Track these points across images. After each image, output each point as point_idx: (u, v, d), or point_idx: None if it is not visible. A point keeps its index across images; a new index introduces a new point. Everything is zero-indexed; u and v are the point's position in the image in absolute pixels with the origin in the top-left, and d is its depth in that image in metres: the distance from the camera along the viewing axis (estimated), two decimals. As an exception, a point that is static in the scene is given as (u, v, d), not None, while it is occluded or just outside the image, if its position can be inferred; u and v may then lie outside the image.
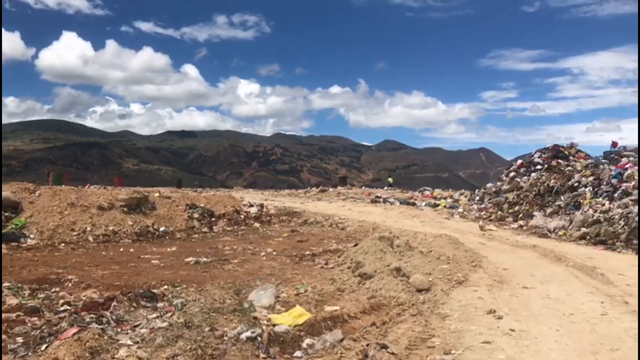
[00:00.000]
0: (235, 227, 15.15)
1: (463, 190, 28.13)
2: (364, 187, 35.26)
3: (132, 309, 5.98)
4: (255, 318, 5.76)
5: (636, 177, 14.77)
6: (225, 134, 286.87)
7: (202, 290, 7.05)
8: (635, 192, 13.89)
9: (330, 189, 30.84)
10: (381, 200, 24.08)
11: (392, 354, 4.78)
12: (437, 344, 5.15)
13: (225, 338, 4.95)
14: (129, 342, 4.81)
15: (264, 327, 5.23)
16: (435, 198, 25.14)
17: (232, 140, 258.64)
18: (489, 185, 22.95)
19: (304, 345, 5.10)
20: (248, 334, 4.97)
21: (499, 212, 18.05)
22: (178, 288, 7.21)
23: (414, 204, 22.84)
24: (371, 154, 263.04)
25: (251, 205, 17.79)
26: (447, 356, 4.79)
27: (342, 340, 5.18)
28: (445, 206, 21.72)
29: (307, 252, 10.71)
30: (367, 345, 4.91)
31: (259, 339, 4.93)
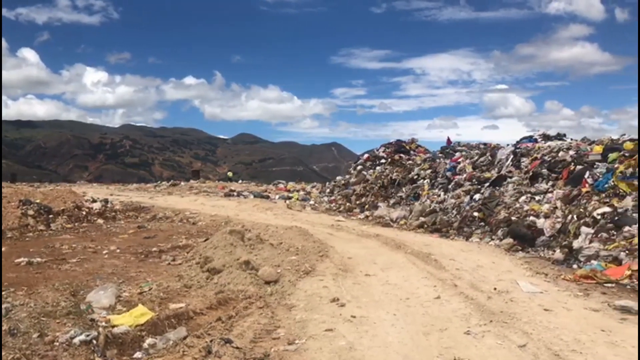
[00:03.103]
0: (76, 224, 14.13)
1: (315, 183, 28.91)
2: (218, 181, 34.75)
3: (-56, 319, 5.32)
4: (92, 320, 5.42)
5: (467, 170, 16.18)
6: (68, 124, 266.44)
7: (33, 293, 6.46)
8: (467, 183, 15.21)
9: (182, 183, 30.01)
10: (235, 193, 23.94)
11: (237, 348, 4.76)
12: (282, 334, 5.21)
13: (56, 343, 4.59)
14: (-61, 356, 4.28)
15: (100, 329, 4.93)
16: (288, 191, 25.53)
17: (76, 131, 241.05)
18: (338, 178, 23.79)
19: (145, 345, 4.90)
20: (82, 337, 4.65)
21: (348, 204, 18.80)
22: (5, 292, 6.54)
23: (267, 197, 23.00)
24: (227, 147, 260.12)
25: (94, 201, 16.76)
26: (290, 346, 4.87)
27: (185, 337, 5.04)
28: (297, 199, 22.14)
29: (154, 249, 10.30)
30: (211, 341, 4.83)
31: (95, 341, 4.64)
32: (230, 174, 40.77)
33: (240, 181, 33.29)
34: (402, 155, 21.14)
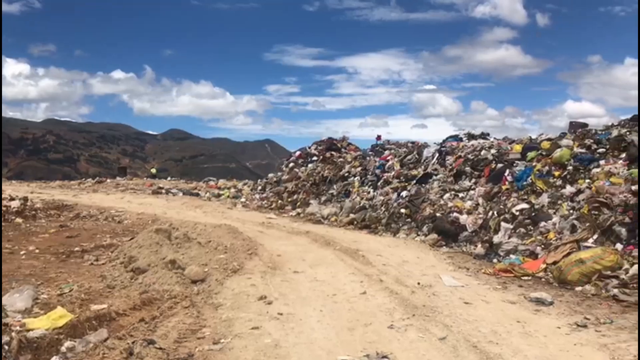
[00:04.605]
0: (-9, 223, 13.39)
1: (247, 180, 28.66)
2: (146, 178, 33.81)
3: None
4: (5, 324, 5.16)
5: (395, 168, 16.55)
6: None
7: (-60, 298, 6.09)
8: (395, 181, 15.56)
9: (109, 180, 29.05)
10: (163, 191, 23.42)
11: (160, 348, 4.67)
12: (207, 334, 5.16)
13: (-36, 351, 4.35)
14: None
15: (13, 334, 4.71)
16: (219, 188, 25.23)
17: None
18: (270, 175, 23.75)
19: (62, 349, 4.71)
20: (-7, 343, 4.43)
21: (279, 201, 18.80)
22: None
23: (197, 195, 22.66)
24: (156, 143, 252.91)
25: (12, 199, 15.93)
26: (215, 346, 4.83)
27: (106, 339, 4.90)
28: (228, 196, 21.93)
29: (77, 249, 9.93)
30: (133, 342, 4.72)
31: (7, 347, 4.43)
32: (153, 170, 39.42)
33: (169, 178, 32.55)
34: (333, 152, 21.35)
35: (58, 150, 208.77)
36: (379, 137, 21.74)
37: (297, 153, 22.93)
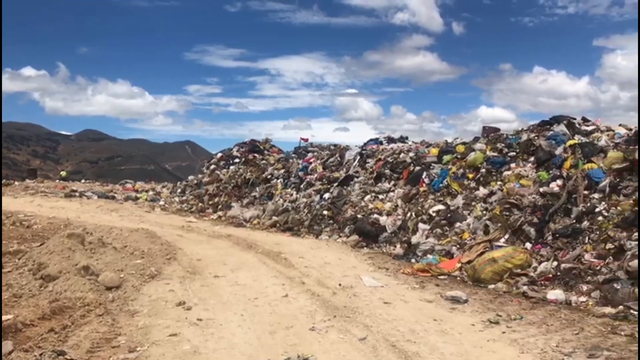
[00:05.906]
0: None
1: (166, 183, 27.95)
2: (58, 180, 32.17)
3: None
4: None
5: (318, 170, 16.66)
6: None
7: None
8: (317, 183, 15.65)
9: (17, 183, 27.40)
10: (77, 194, 22.37)
11: (71, 359, 4.45)
12: (122, 342, 4.97)
13: None
14: None
15: None
16: (137, 191, 24.42)
17: None
18: (190, 177, 23.26)
19: (-39, 364, 4.39)
20: None
21: (200, 204, 18.44)
22: None
23: (113, 198, 21.81)
24: (70, 144, 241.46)
25: None
26: (131, 354, 4.66)
27: (11, 352, 4.60)
28: (146, 199, 21.27)
29: (-21, 256, 9.28)
30: (41, 354, 4.47)
31: None
32: (63, 173, 37.58)
33: (83, 180, 31.17)
34: (256, 154, 21.17)
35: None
36: (305, 140, 21.75)
37: (219, 155, 22.56)
